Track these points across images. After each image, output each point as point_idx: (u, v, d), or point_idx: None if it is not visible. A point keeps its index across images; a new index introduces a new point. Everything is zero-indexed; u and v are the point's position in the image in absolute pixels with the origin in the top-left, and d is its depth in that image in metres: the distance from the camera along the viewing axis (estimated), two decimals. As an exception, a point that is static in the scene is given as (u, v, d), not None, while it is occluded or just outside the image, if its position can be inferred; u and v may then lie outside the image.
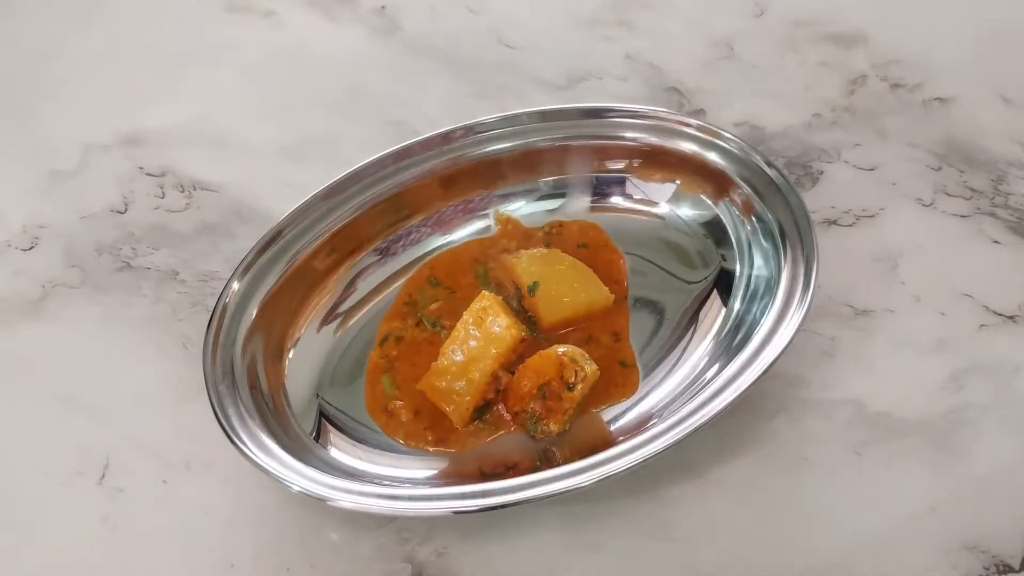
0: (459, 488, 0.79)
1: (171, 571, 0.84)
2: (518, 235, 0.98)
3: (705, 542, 0.79)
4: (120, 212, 1.11)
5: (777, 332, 0.82)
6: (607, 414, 0.85)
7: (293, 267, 0.95)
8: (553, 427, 0.84)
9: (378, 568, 0.81)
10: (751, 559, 0.78)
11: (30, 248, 1.09)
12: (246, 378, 0.88)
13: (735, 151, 0.94)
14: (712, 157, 0.95)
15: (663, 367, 0.88)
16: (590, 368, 0.83)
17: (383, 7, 1.31)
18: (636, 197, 0.99)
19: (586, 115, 1.00)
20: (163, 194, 1.12)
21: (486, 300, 0.87)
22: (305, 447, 0.85)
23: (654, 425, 0.80)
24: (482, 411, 0.86)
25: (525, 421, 0.84)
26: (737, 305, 0.90)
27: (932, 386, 0.86)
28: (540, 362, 0.83)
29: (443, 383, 0.85)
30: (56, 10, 1.38)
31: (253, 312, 0.92)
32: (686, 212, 0.97)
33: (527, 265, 0.92)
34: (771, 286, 0.86)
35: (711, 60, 1.17)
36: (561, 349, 0.83)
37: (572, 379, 0.82)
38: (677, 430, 0.78)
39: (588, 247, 0.96)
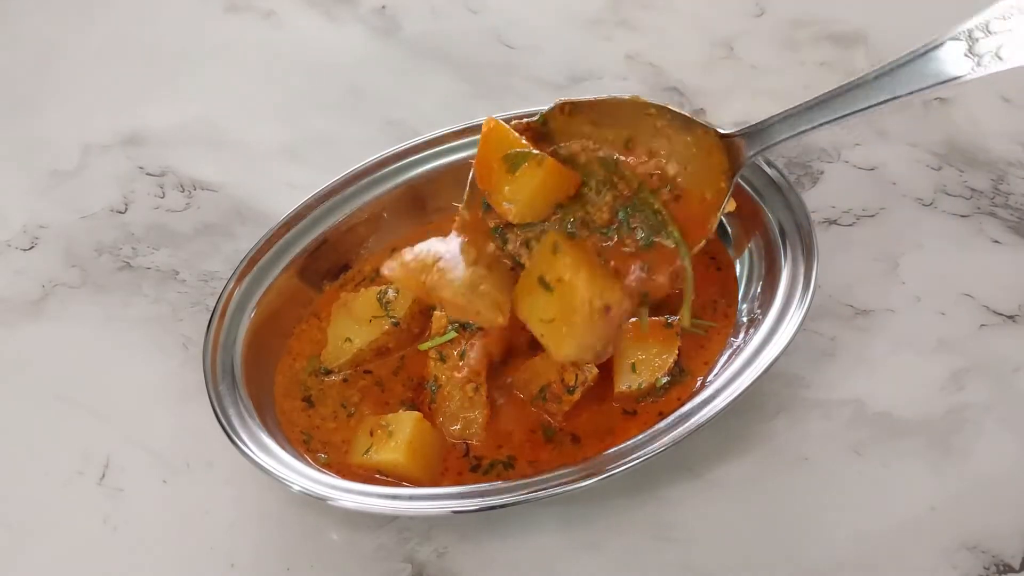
0: (459, 488, 0.79)
1: (171, 571, 0.84)
2: None
3: (705, 542, 0.79)
4: (120, 212, 1.11)
5: (777, 332, 0.81)
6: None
7: (293, 267, 0.95)
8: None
9: (378, 568, 0.81)
10: (751, 559, 0.78)
11: (30, 248, 1.10)
12: (245, 378, 0.88)
13: (735, 151, 0.94)
14: (712, 157, 0.95)
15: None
16: (591, 372, 0.83)
17: (383, 7, 1.31)
18: (636, 197, 0.99)
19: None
20: (163, 194, 1.13)
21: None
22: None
23: (654, 424, 0.80)
24: None
25: None
26: (737, 305, 0.90)
27: (932, 386, 0.86)
28: (542, 364, 0.83)
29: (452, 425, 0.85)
30: (56, 10, 1.39)
31: (253, 312, 0.92)
32: (686, 212, 0.97)
33: None
34: (771, 286, 0.86)
35: (711, 60, 1.17)
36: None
37: (573, 383, 0.82)
38: (677, 430, 0.78)
39: None
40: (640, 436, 0.79)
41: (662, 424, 0.79)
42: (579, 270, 0.77)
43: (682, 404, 0.81)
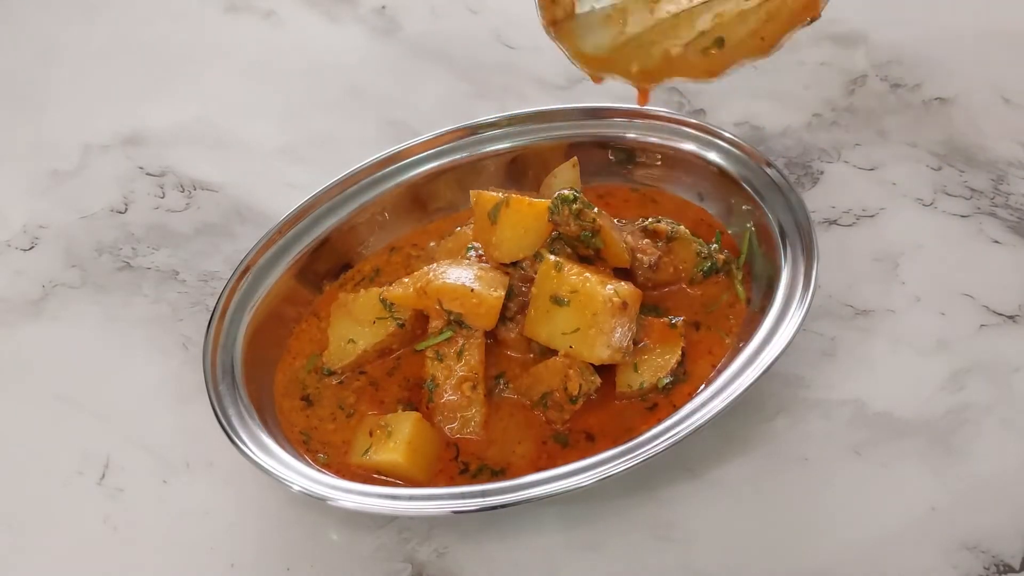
0: (459, 488, 0.79)
1: (171, 571, 0.84)
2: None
3: (705, 542, 0.79)
4: (120, 212, 1.11)
5: (777, 332, 0.81)
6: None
7: (293, 267, 0.95)
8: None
9: (378, 568, 0.81)
10: (751, 559, 0.78)
11: (30, 248, 1.10)
12: (245, 378, 0.88)
13: (735, 151, 0.94)
14: (712, 157, 0.95)
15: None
16: (593, 382, 0.83)
17: (383, 7, 1.31)
18: (636, 197, 1.00)
19: (586, 115, 1.00)
20: (163, 194, 1.13)
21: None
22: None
23: (655, 424, 0.80)
24: None
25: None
26: (738, 305, 0.90)
27: (932, 386, 0.86)
28: (545, 371, 0.83)
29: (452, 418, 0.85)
30: (56, 10, 1.39)
31: (253, 312, 0.92)
32: (686, 212, 0.98)
33: None
34: (771, 286, 0.86)
35: (711, 60, 1.17)
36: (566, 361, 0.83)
37: (576, 392, 0.82)
38: (677, 430, 0.78)
39: None
40: (640, 436, 0.79)
41: (662, 424, 0.79)
42: (589, 277, 0.82)
43: (687, 402, 0.81)
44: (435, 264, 0.89)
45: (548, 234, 0.86)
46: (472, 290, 0.84)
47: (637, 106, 0.98)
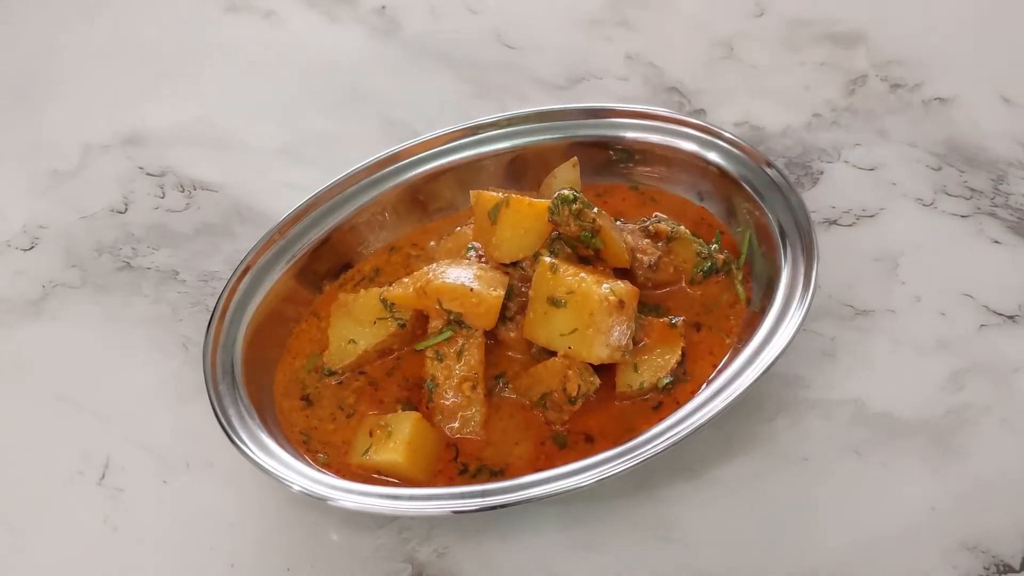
0: (459, 488, 0.79)
1: (171, 571, 0.84)
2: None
3: (705, 542, 0.79)
4: (120, 212, 1.11)
5: (777, 332, 0.81)
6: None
7: (293, 267, 0.95)
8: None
9: (378, 568, 0.81)
10: (751, 559, 0.78)
11: (30, 248, 1.10)
12: (245, 378, 0.88)
13: (735, 151, 0.94)
14: (712, 157, 0.95)
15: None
16: (593, 383, 0.83)
17: (383, 7, 1.31)
18: (636, 197, 1.00)
19: (586, 115, 1.00)
20: (163, 194, 1.13)
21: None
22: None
23: (655, 424, 0.80)
24: None
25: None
26: (738, 305, 0.90)
27: (932, 386, 0.86)
28: (544, 371, 0.83)
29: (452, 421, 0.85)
30: (56, 10, 1.39)
31: (253, 312, 0.92)
32: (686, 212, 0.98)
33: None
34: (771, 286, 0.86)
35: (711, 60, 1.17)
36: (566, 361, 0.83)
37: (575, 393, 0.82)
38: (677, 430, 0.78)
39: None
40: (640, 436, 0.79)
41: (661, 424, 0.79)
42: (584, 277, 0.82)
43: (684, 402, 0.81)
44: (435, 264, 0.89)
45: (548, 234, 0.86)
46: (472, 290, 0.84)
47: (637, 106, 0.98)
